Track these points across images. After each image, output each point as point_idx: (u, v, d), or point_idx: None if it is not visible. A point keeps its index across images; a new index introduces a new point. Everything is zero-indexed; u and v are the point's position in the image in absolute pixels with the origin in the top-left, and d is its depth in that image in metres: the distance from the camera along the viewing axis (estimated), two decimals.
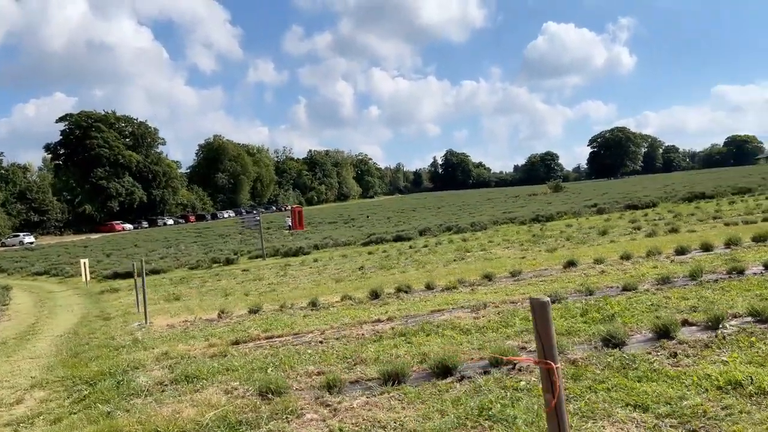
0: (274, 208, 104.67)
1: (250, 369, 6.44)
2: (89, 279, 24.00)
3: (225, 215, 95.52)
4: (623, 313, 6.74)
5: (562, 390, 2.43)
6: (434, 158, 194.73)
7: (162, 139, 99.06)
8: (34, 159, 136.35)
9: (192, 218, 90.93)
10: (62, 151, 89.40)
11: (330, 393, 5.29)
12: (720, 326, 5.72)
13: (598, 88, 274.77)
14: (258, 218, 28.45)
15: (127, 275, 25.28)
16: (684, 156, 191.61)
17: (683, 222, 18.56)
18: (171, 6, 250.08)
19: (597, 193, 54.74)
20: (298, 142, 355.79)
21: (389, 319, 8.48)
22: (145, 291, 11.01)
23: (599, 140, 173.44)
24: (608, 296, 7.77)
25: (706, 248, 11.38)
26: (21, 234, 64.75)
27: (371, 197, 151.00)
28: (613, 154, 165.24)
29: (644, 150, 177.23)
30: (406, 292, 10.79)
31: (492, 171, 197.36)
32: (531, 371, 5.12)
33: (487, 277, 11.00)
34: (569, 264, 11.25)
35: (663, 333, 5.68)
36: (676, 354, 5.14)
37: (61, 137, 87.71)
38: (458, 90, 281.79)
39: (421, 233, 28.00)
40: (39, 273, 30.55)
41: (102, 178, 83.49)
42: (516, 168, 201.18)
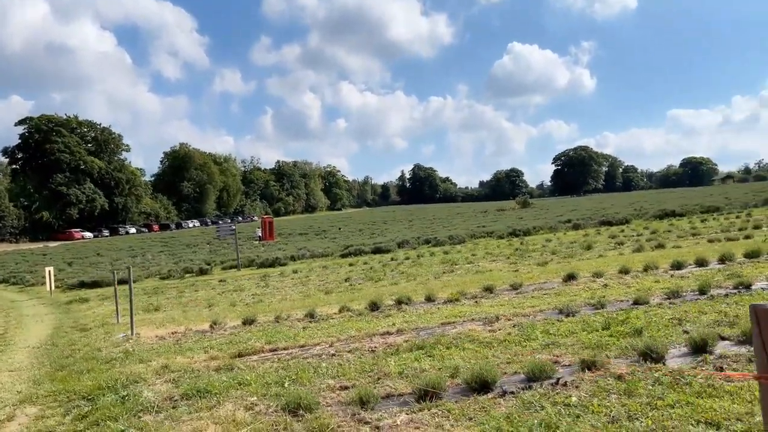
0: (240, 219, 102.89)
1: (265, 383, 6.05)
2: (54, 288, 22.94)
3: (190, 225, 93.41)
4: (649, 327, 6.62)
5: None
6: (402, 172, 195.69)
7: (126, 146, 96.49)
8: None
9: (156, 227, 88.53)
10: (20, 156, 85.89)
11: (364, 409, 4.97)
12: None
13: (561, 108, 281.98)
14: (234, 228, 27.77)
15: (95, 284, 24.28)
16: (642, 176, 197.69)
17: (664, 238, 18.84)
18: (136, 11, 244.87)
19: (566, 210, 55.70)
20: (264, 153, 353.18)
21: (398, 332, 8.19)
22: (132, 300, 10.40)
23: (563, 158, 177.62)
24: (627, 310, 7.66)
25: (701, 263, 11.49)
26: None
27: (339, 209, 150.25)
28: (577, 172, 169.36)
29: (605, 169, 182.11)
30: (407, 304, 10.52)
31: (458, 186, 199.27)
32: (576, 386, 4.91)
33: (488, 290, 10.83)
34: (569, 277, 11.17)
35: (700, 347, 5.56)
36: (723, 368, 5.01)
37: (20, 141, 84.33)
38: (426, 105, 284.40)
39: (400, 245, 27.81)
40: None
41: (62, 184, 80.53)
42: (482, 183, 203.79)
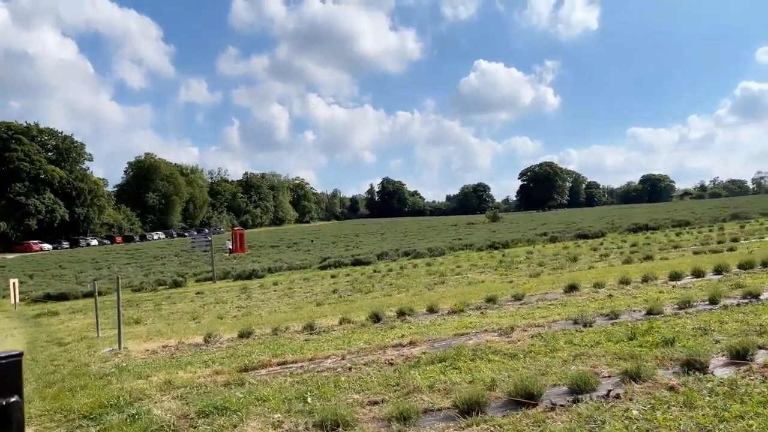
0: (207, 231, 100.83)
1: (284, 398, 5.65)
2: (18, 301, 21.79)
3: (155, 237, 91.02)
4: (678, 337, 6.48)
5: None
6: (371, 185, 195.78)
7: (89, 155, 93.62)
8: None
9: (119, 239, 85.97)
10: None
11: (406, 425, 4.64)
12: None
13: (525, 125, 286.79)
14: (209, 239, 26.96)
15: (62, 297, 23.23)
16: (603, 191, 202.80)
17: (647, 251, 19.06)
18: (99, 19, 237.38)
19: (536, 224, 56.42)
20: (230, 164, 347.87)
21: (411, 344, 7.87)
22: (121, 312, 9.80)
23: (529, 174, 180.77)
24: (650, 320, 7.54)
25: (698, 274, 11.55)
26: None
27: (308, 222, 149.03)
28: (542, 188, 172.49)
29: (569, 185, 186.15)
30: (409, 315, 10.22)
31: (426, 200, 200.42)
32: (630, 398, 4.69)
33: (491, 300, 10.63)
34: (571, 288, 11.07)
35: (741, 356, 5.44)
36: None
37: None
38: (393, 120, 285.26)
39: (380, 257, 27.50)
40: None
41: (20, 194, 77.52)
42: (449, 198, 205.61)
